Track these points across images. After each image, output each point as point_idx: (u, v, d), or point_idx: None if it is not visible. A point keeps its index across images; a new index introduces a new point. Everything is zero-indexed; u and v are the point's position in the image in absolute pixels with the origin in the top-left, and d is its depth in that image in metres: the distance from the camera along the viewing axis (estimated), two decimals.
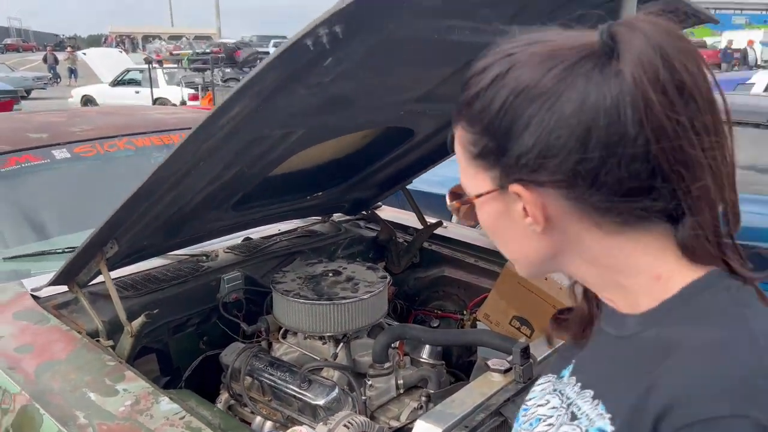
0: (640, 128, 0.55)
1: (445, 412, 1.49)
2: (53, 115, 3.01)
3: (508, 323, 2.05)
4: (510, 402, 1.57)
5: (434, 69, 1.49)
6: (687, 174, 0.57)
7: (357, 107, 1.51)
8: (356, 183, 2.33)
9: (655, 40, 0.56)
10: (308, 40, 0.98)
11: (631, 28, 0.57)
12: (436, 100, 1.75)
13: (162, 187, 1.40)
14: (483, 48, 1.40)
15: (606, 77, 0.55)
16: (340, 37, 0.99)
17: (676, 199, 0.59)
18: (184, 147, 1.25)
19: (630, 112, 0.55)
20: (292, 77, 1.09)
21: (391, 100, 1.60)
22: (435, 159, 2.39)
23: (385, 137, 2.12)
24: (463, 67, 1.56)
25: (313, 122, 1.45)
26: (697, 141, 0.56)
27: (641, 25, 0.57)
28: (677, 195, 0.59)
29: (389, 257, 2.70)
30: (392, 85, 1.50)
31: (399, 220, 2.83)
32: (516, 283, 2.01)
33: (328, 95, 1.32)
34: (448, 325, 2.40)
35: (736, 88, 6.31)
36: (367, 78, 1.33)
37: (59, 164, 2.36)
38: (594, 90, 0.56)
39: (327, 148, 2.08)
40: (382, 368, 1.87)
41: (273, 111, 1.21)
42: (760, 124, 3.44)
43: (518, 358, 1.59)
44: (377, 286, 1.96)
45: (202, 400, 1.66)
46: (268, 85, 1.11)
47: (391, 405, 1.88)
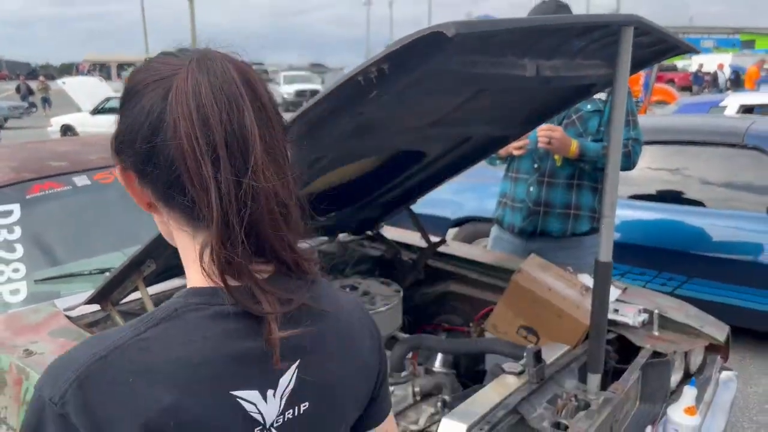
0: (170, 138, 0.67)
1: (468, 411, 1.61)
2: (65, 143, 3.11)
3: (515, 333, 2.18)
4: (525, 401, 1.70)
5: (452, 97, 1.64)
6: (195, 189, 0.67)
7: (380, 133, 1.65)
8: (367, 204, 2.46)
9: (197, 78, 0.68)
10: (360, 77, 1.12)
11: (197, 63, 0.70)
12: (448, 125, 1.91)
13: None
14: (497, 78, 1.57)
15: (162, 96, 0.69)
16: (386, 73, 1.13)
17: (197, 209, 0.68)
18: None
19: (166, 124, 0.68)
20: (340, 107, 1.23)
21: (411, 125, 1.74)
22: (440, 179, 2.53)
23: (397, 159, 2.26)
24: (476, 94, 1.72)
25: (342, 147, 1.59)
26: (208, 162, 0.66)
27: (203, 62, 0.70)
28: (198, 205, 0.68)
29: (395, 275, 2.83)
30: (415, 112, 1.64)
31: (402, 239, 2.97)
32: (523, 294, 2.15)
33: (356, 122, 1.46)
34: (455, 337, 2.52)
35: (709, 110, 6.61)
36: (397, 106, 1.47)
37: (80, 191, 2.45)
38: (154, 102, 0.69)
39: (343, 171, 2.22)
40: (400, 377, 1.99)
41: (318, 138, 1.35)
42: (735, 144, 3.67)
43: (531, 360, 1.73)
44: (392, 299, 2.09)
45: None
46: (319, 113, 1.24)
47: (410, 411, 1.99)
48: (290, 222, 0.74)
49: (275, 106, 0.75)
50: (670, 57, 2.02)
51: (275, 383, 0.73)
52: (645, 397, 2.08)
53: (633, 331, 2.17)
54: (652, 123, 4.55)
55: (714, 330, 2.22)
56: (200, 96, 0.67)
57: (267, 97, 0.73)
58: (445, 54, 1.13)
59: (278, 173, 0.71)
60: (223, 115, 0.68)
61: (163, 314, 0.71)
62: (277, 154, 0.72)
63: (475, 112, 1.90)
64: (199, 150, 0.67)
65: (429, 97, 1.53)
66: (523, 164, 2.74)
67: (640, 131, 2.60)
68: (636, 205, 3.91)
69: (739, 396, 3.40)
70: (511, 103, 1.98)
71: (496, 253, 2.76)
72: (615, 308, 2.23)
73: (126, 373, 0.66)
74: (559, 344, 1.98)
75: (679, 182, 3.95)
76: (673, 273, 3.72)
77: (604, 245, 1.63)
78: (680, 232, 3.69)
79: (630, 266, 3.84)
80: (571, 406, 1.72)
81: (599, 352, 1.73)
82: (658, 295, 2.43)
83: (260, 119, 0.70)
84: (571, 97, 2.13)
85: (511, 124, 2.21)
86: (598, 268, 1.66)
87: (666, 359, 2.05)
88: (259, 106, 0.71)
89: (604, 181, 1.60)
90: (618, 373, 1.99)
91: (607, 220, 1.62)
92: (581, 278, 2.22)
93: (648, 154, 4.07)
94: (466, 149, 2.25)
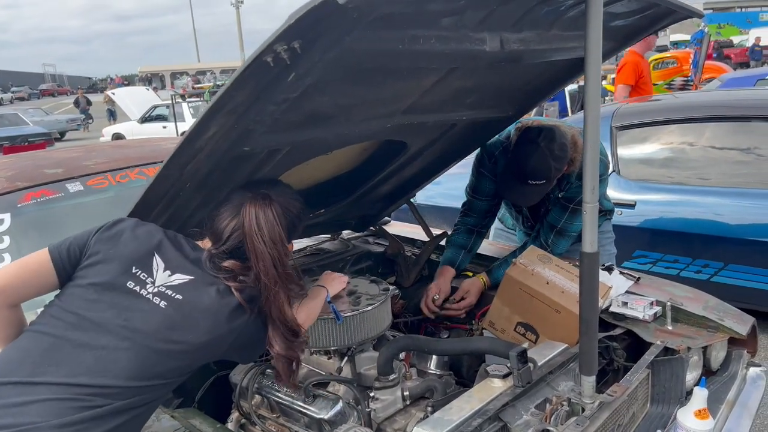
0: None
1: (442, 419, 1.49)
2: (70, 151, 3.13)
3: (513, 330, 2.04)
4: (509, 406, 1.56)
5: (412, 80, 1.51)
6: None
7: (339, 122, 1.54)
8: (358, 199, 2.36)
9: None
10: (268, 57, 1.01)
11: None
12: (423, 111, 1.78)
13: (151, 212, 1.45)
14: (459, 56, 1.43)
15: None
16: (299, 52, 1.02)
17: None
18: (167, 171, 1.29)
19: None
20: (259, 94, 1.13)
21: (375, 113, 1.62)
22: (434, 171, 2.41)
23: (381, 152, 2.15)
24: (446, 75, 1.59)
25: (296, 138, 1.49)
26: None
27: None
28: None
29: (399, 271, 2.72)
30: (373, 98, 1.53)
31: (407, 234, 2.85)
32: (518, 289, 2.00)
33: (305, 111, 1.35)
34: (458, 335, 2.39)
35: (756, 83, 6.19)
36: (342, 92, 1.36)
37: (73, 197, 2.44)
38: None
39: (325, 166, 2.12)
40: (387, 380, 1.87)
41: (249, 129, 1.25)
42: None
43: (515, 362, 1.58)
44: (379, 298, 1.97)
45: (207, 418, 1.69)
46: (239, 103, 1.14)
47: (398, 417, 1.88)
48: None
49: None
50: (669, 23, 1.83)
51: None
52: (656, 399, 1.90)
53: (643, 325, 1.99)
54: (683, 101, 4.27)
55: (735, 323, 2.02)
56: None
57: None
58: (358, 27, 1.02)
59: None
60: None
61: None
62: None
63: (452, 97, 1.77)
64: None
65: (382, 80, 1.41)
66: (506, 220, 2.88)
67: (577, 224, 2.33)
68: (666, 189, 3.66)
69: None
70: (494, 84, 1.83)
71: (499, 245, 2.60)
72: (624, 301, 2.06)
73: None
74: (555, 343, 1.82)
75: (712, 162, 3.67)
76: (708, 260, 3.46)
77: (588, 234, 1.48)
78: (714, 215, 3.42)
79: (661, 254, 3.60)
80: (562, 411, 1.57)
81: (591, 352, 1.57)
82: (675, 285, 2.23)
83: None
84: (563, 73, 1.96)
85: (501, 107, 2.06)
86: (584, 260, 1.51)
87: (679, 356, 1.87)
88: None
89: (583, 164, 1.44)
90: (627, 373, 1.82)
91: (588, 206, 1.45)
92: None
93: (676, 133, 3.81)
94: (455, 137, 2.11)
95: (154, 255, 1.37)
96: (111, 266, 1.33)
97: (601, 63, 1.39)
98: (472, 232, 2.53)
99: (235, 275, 1.39)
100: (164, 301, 1.32)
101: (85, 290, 1.31)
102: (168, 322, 1.30)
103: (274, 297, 1.40)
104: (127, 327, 1.28)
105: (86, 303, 1.30)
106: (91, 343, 1.25)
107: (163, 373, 1.30)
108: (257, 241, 1.37)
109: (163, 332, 1.29)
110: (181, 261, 1.38)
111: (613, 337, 1.96)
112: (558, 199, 2.33)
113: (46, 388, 1.19)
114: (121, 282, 1.32)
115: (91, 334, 1.26)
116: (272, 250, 1.38)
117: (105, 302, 1.30)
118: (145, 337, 1.28)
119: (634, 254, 3.70)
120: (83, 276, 1.33)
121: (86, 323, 1.27)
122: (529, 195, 2.21)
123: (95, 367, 1.23)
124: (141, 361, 1.27)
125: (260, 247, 1.37)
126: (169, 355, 1.30)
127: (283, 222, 1.42)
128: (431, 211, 3.99)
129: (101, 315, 1.28)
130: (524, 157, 2.11)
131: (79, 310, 1.29)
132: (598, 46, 1.32)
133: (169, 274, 1.36)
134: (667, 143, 3.84)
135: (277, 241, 1.39)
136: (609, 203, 2.73)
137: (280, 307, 1.41)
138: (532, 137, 2.12)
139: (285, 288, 1.41)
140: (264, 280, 1.38)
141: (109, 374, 1.23)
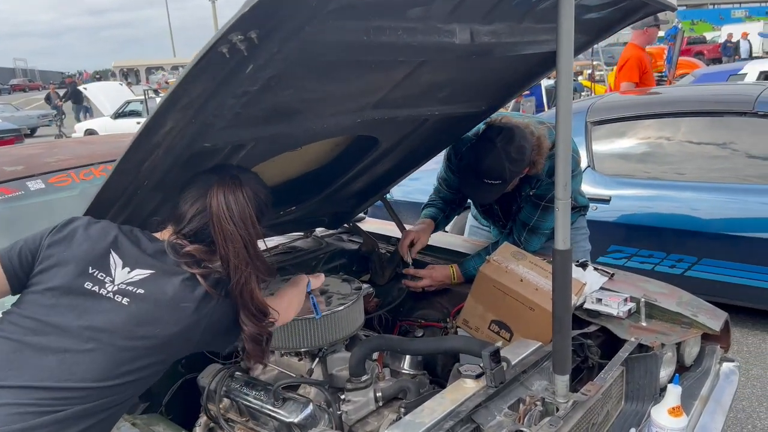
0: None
1: (413, 422, 1.45)
2: (32, 147, 3.02)
3: (487, 328, 2.00)
4: (482, 407, 1.53)
5: (381, 74, 1.47)
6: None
7: (306, 117, 1.49)
8: (330, 196, 2.30)
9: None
10: (223, 48, 0.96)
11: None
12: (394, 106, 1.73)
13: (108, 211, 1.39)
14: (428, 48, 1.39)
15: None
16: (256, 43, 0.97)
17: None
18: (122, 168, 1.23)
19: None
20: (217, 87, 1.07)
21: (344, 108, 1.58)
22: (407, 168, 2.36)
23: (353, 148, 2.10)
24: (416, 68, 1.54)
25: (260, 134, 1.43)
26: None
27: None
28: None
29: (373, 269, 2.67)
30: (341, 92, 1.48)
31: (382, 231, 2.81)
32: (492, 286, 1.97)
33: (268, 105, 1.30)
34: (433, 333, 2.35)
35: (728, 79, 6.26)
36: (307, 86, 1.31)
37: (34, 195, 2.35)
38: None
39: (295, 162, 2.07)
40: (359, 381, 1.83)
41: (208, 123, 1.20)
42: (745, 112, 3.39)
43: (488, 362, 1.55)
44: (351, 297, 1.93)
45: (171, 425, 1.64)
46: (196, 96, 1.09)
47: (370, 418, 1.84)
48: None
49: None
50: (643, 17, 1.80)
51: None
52: (630, 396, 1.89)
53: (617, 322, 1.97)
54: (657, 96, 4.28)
55: (708, 318, 2.01)
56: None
57: None
58: (318, 17, 0.97)
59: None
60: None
61: None
62: None
63: (423, 91, 1.73)
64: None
65: (348, 74, 1.37)
66: (481, 221, 2.86)
67: (549, 221, 2.31)
68: (641, 184, 3.67)
69: (757, 383, 3.16)
70: (466, 78, 1.79)
71: (475, 242, 2.57)
72: (598, 297, 2.04)
73: None
74: (529, 341, 1.80)
75: (685, 157, 3.68)
76: (682, 254, 3.47)
77: (561, 231, 1.44)
78: (689, 210, 3.43)
79: (636, 249, 3.61)
80: (536, 411, 1.54)
81: (565, 351, 1.54)
82: (649, 281, 2.22)
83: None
84: (536, 67, 1.93)
85: (473, 102, 2.02)
86: (557, 257, 1.47)
87: (653, 353, 1.85)
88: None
89: (556, 159, 1.40)
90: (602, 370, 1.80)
91: (561, 203, 1.42)
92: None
93: (651, 128, 3.82)
94: (427, 132, 2.07)
95: (110, 253, 1.33)
96: (66, 269, 1.29)
97: (573, 57, 1.35)
98: (444, 210, 2.62)
99: (197, 261, 1.36)
100: (126, 298, 1.28)
101: (41, 296, 1.28)
102: (133, 318, 1.27)
103: (245, 279, 1.36)
104: (89, 328, 1.24)
105: (44, 308, 1.26)
106: (53, 347, 1.22)
107: (132, 371, 1.27)
108: (226, 223, 1.33)
109: (129, 329, 1.26)
110: (140, 255, 1.35)
111: (587, 334, 1.94)
112: (529, 197, 2.30)
113: (7, 392, 1.16)
114: (77, 284, 1.28)
115: (52, 337, 1.23)
116: (243, 231, 1.34)
117: (63, 306, 1.26)
118: (111, 336, 1.25)
119: (609, 249, 3.70)
120: (39, 282, 1.30)
121: (47, 327, 1.24)
122: (486, 193, 2.20)
123: (59, 370, 1.20)
124: (108, 361, 1.23)
125: (230, 228, 1.33)
126: (137, 351, 1.27)
127: (253, 204, 1.39)
128: (409, 207, 3.95)
129: (61, 319, 1.25)
130: (481, 156, 2.10)
131: (37, 315, 1.25)
132: (570, 40, 1.28)
133: (128, 271, 1.32)
134: (642, 138, 3.85)
135: (248, 223, 1.35)
136: (584, 199, 2.72)
137: (252, 289, 1.38)
138: (491, 136, 2.11)
139: (256, 269, 1.38)
140: (234, 262, 1.35)
141: (74, 377, 1.20)
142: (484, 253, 2.24)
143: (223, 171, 1.41)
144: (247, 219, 1.36)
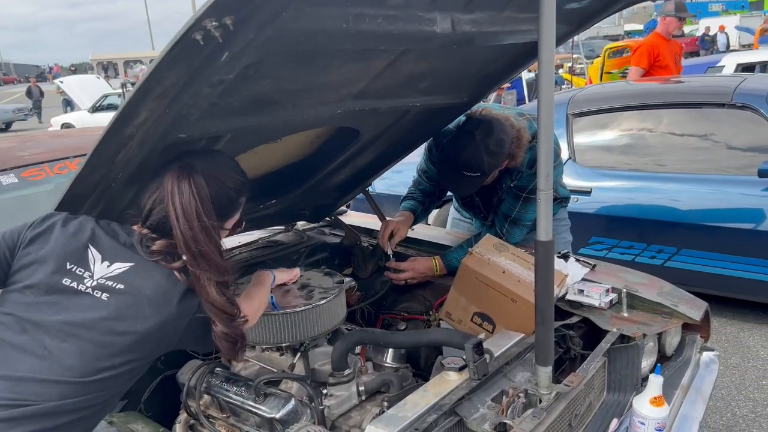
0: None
1: (396, 416, 1.44)
2: (4, 141, 2.95)
3: (470, 320, 2.00)
4: (465, 400, 1.52)
5: (362, 63, 1.44)
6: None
7: (285, 107, 1.46)
8: (311, 189, 2.28)
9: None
10: (197, 35, 0.93)
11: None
12: (375, 97, 1.71)
13: (81, 205, 1.35)
14: (408, 37, 1.36)
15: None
16: (232, 30, 0.94)
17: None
18: (95, 160, 1.20)
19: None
20: (191, 76, 1.04)
21: (324, 98, 1.55)
22: (389, 160, 2.34)
23: (334, 140, 2.07)
24: (397, 58, 1.52)
25: (238, 124, 1.40)
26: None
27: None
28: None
29: (355, 262, 2.65)
30: (321, 82, 1.45)
31: (364, 224, 2.79)
32: (474, 278, 1.96)
33: (245, 95, 1.27)
34: (416, 326, 2.34)
35: (706, 71, 6.31)
36: (286, 75, 1.28)
37: (6, 190, 2.30)
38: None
39: (274, 155, 2.04)
40: (342, 376, 1.81)
41: (183, 114, 1.16)
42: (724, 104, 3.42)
43: (471, 354, 1.54)
44: (332, 291, 1.91)
45: (150, 422, 1.61)
46: (170, 85, 1.06)
47: (353, 413, 1.82)
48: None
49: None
50: (624, 7, 1.80)
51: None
52: (613, 386, 1.89)
53: (599, 313, 1.98)
54: (637, 88, 4.30)
55: (689, 308, 2.02)
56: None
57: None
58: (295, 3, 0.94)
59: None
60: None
61: None
62: None
63: (405, 82, 1.70)
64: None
65: (328, 63, 1.34)
66: (463, 211, 2.83)
67: (531, 213, 2.30)
68: (621, 175, 3.68)
69: (735, 372, 3.20)
70: (448, 68, 1.77)
71: (457, 234, 2.57)
72: (580, 288, 2.04)
73: None
74: (511, 332, 1.79)
75: (665, 148, 3.71)
76: (662, 245, 3.50)
77: (543, 222, 1.44)
78: (669, 201, 3.46)
79: (617, 240, 3.63)
80: (519, 403, 1.54)
81: (547, 343, 1.53)
82: (630, 272, 2.23)
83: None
84: (518, 58, 1.91)
85: (455, 93, 2.01)
86: (539, 248, 1.47)
87: (634, 343, 1.86)
88: None
89: (538, 150, 1.39)
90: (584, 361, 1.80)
91: (543, 194, 1.41)
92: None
93: (631, 120, 3.84)
94: (409, 124, 2.05)
95: (88, 247, 1.29)
96: (44, 266, 1.26)
97: (554, 47, 1.34)
98: (423, 203, 2.61)
99: (171, 254, 1.31)
100: (106, 293, 1.25)
101: (21, 294, 1.25)
102: (113, 313, 1.24)
103: (196, 278, 1.30)
104: (68, 324, 1.22)
105: (23, 306, 1.24)
106: (32, 343, 1.20)
107: (111, 367, 1.24)
108: (172, 216, 1.27)
109: (109, 325, 1.23)
110: (118, 249, 1.31)
111: (569, 325, 1.94)
112: (510, 189, 2.30)
113: None
114: (56, 281, 1.25)
115: (31, 334, 1.21)
116: (184, 225, 1.26)
117: (42, 303, 1.24)
118: (89, 332, 1.22)
119: (591, 240, 3.72)
120: (18, 279, 1.27)
121: (26, 324, 1.22)
122: (465, 186, 2.20)
123: (39, 366, 1.18)
124: (88, 357, 1.21)
125: (174, 223, 1.27)
126: (116, 347, 1.24)
127: (203, 194, 1.29)
128: (392, 200, 3.92)
129: (40, 316, 1.22)
130: (459, 147, 2.10)
131: (16, 312, 1.23)
132: (552, 29, 1.27)
133: (107, 265, 1.29)
134: (623, 130, 3.87)
135: (191, 217, 1.26)
136: (565, 190, 2.72)
137: (205, 290, 1.30)
138: (470, 128, 2.10)
139: (205, 270, 1.29)
140: (184, 259, 1.29)
141: (54, 372, 1.18)
142: (467, 245, 2.23)
143: (183, 158, 1.34)
144: (191, 213, 1.27)
